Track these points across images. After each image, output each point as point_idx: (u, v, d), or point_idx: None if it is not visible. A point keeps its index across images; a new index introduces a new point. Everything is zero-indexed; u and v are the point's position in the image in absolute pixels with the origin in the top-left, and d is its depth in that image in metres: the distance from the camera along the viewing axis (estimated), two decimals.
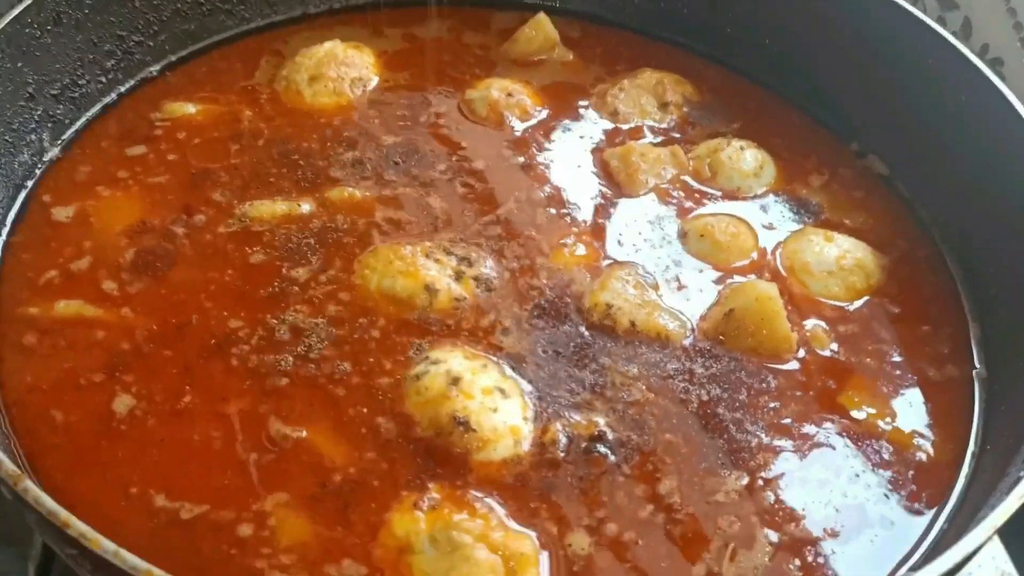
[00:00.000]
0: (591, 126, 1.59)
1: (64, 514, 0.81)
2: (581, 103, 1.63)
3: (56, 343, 1.19)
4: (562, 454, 1.12)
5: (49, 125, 1.42)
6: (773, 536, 1.08)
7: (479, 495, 1.07)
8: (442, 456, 1.10)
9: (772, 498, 1.11)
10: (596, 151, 1.54)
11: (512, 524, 1.05)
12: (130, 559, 0.78)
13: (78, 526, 0.80)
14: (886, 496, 1.14)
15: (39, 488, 0.85)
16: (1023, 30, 1.70)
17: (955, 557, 0.88)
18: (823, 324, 1.31)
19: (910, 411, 1.23)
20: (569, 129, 1.58)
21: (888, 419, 1.21)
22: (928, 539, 1.09)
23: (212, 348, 1.20)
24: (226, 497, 1.05)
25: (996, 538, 1.02)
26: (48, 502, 0.82)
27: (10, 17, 1.31)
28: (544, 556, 1.04)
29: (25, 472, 1.02)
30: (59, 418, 1.11)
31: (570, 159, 1.52)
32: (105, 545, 0.79)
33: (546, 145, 1.54)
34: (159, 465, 1.08)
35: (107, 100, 1.52)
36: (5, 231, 1.31)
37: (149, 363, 1.18)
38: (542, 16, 1.70)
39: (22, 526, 1.15)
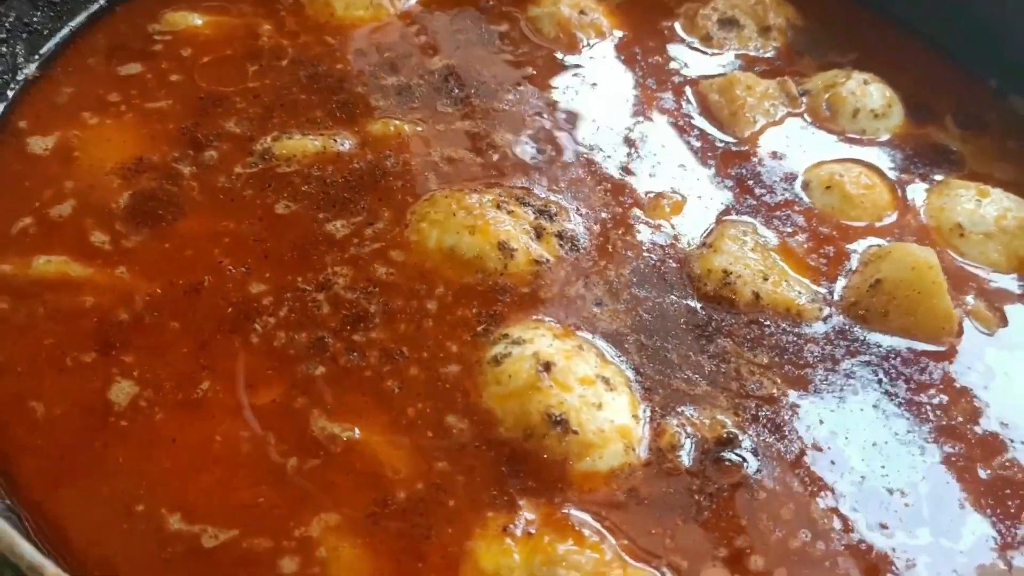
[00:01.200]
0: (680, 52, 1.33)
1: (33, 556, 0.56)
2: (665, 24, 1.37)
3: (34, 311, 0.94)
4: (685, 462, 0.88)
5: (24, 35, 1.17)
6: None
7: (585, 517, 0.83)
8: (534, 465, 0.86)
9: (946, 519, 0.88)
10: (690, 82, 1.28)
11: (628, 558, 0.81)
12: None
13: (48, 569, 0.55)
14: None
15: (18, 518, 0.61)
16: None
17: None
18: (983, 299, 1.06)
19: None
20: (655, 55, 1.32)
21: None
22: None
23: (230, 319, 0.94)
24: (260, 518, 0.81)
25: None
26: (29, 553, 0.57)
27: None
28: None
29: None
30: (40, 411, 0.87)
31: (659, 90, 1.26)
32: None
33: (629, 73, 1.28)
34: (171, 475, 0.84)
35: (95, 8, 1.26)
36: None
37: (153, 338, 0.93)
38: None
39: None
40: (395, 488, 0.84)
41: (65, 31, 1.21)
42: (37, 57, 1.17)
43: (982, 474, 0.93)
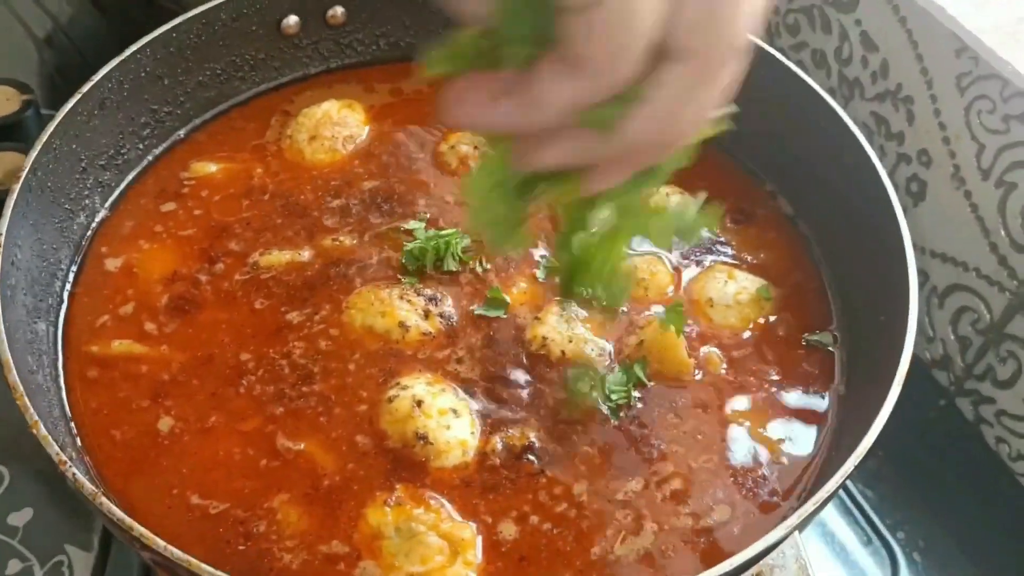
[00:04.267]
0: None
1: (129, 521, 1.16)
2: None
3: (113, 375, 1.53)
4: (499, 461, 1.45)
5: (99, 190, 1.74)
6: (656, 526, 1.40)
7: (433, 494, 1.41)
8: (407, 463, 1.44)
9: (661, 496, 1.43)
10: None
11: (457, 517, 1.39)
12: (176, 553, 1.13)
13: (139, 529, 1.15)
14: (752, 492, 1.45)
15: (111, 501, 1.20)
16: (928, 74, 1.95)
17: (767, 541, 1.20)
18: (718, 350, 1.61)
19: (778, 422, 1.53)
20: None
21: (762, 428, 1.52)
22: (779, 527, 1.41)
23: (228, 377, 1.54)
24: (244, 497, 1.39)
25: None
26: (118, 513, 1.17)
27: (65, 110, 1.62)
28: (479, 541, 1.37)
29: (94, 481, 1.38)
30: (118, 436, 1.46)
31: None
32: (157, 542, 1.14)
33: None
34: (193, 472, 1.42)
35: (144, 163, 1.83)
36: (69, 283, 1.65)
37: (183, 390, 1.52)
38: None
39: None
40: (323, 479, 1.42)
41: (125, 183, 1.81)
42: (108, 204, 1.77)
43: (693, 464, 1.49)
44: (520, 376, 1.55)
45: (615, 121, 0.79)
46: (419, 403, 1.47)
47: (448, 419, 1.46)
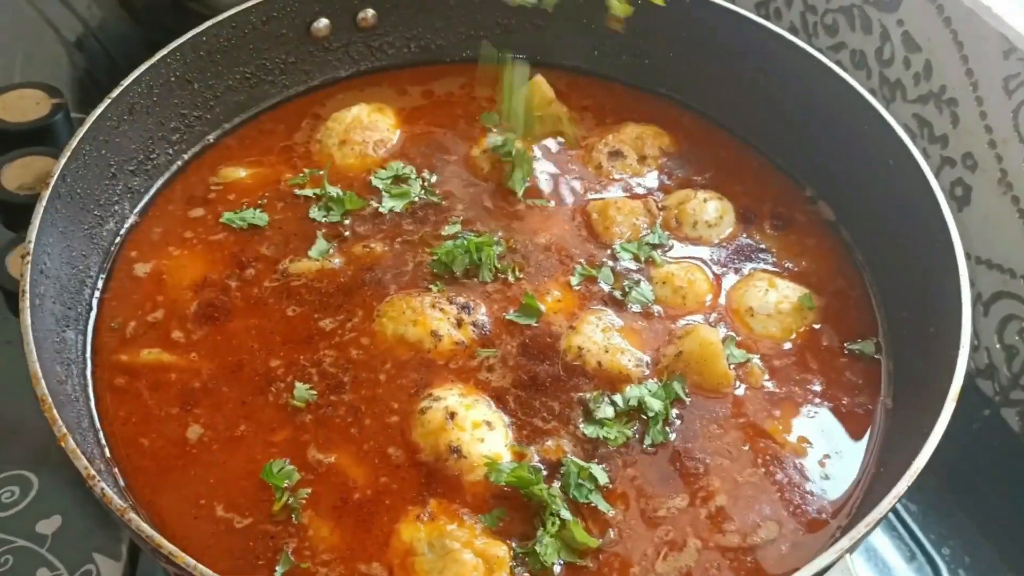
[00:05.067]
0: (579, 179, 1.84)
1: (158, 538, 1.13)
2: (571, 154, 1.89)
3: (141, 384, 1.50)
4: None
5: (128, 196, 1.72)
6: (699, 543, 1.36)
7: (466, 510, 1.37)
8: (440, 477, 1.40)
9: (705, 512, 1.39)
10: (583, 203, 1.79)
11: (492, 533, 1.35)
12: (204, 571, 1.10)
13: (168, 547, 1.12)
14: (800, 508, 1.41)
15: (139, 515, 1.18)
16: (973, 76, 1.89)
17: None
18: (759, 361, 1.56)
19: (824, 436, 1.48)
20: (560, 182, 1.84)
21: (807, 443, 1.48)
22: (829, 546, 1.36)
23: (258, 384, 1.51)
24: (271, 509, 1.37)
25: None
26: (147, 529, 1.15)
27: (94, 116, 1.61)
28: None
29: (123, 493, 1.36)
30: (146, 444, 1.44)
31: (559, 211, 1.78)
32: (188, 560, 1.11)
33: (540, 196, 1.81)
34: (221, 483, 1.39)
35: (174, 168, 1.81)
36: (99, 291, 1.63)
37: (213, 398, 1.49)
38: (539, 78, 1.95)
39: None
40: (354, 492, 1.39)
41: (154, 189, 1.79)
42: (137, 209, 1.75)
43: (738, 478, 1.44)
44: (555, 387, 1.51)
45: None
46: (452, 415, 1.43)
47: (482, 432, 1.43)
